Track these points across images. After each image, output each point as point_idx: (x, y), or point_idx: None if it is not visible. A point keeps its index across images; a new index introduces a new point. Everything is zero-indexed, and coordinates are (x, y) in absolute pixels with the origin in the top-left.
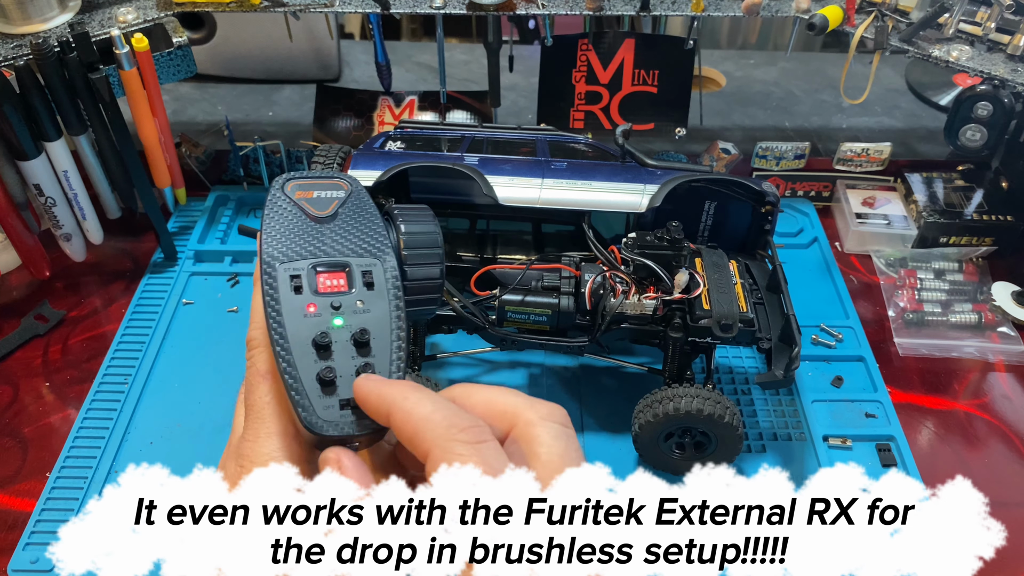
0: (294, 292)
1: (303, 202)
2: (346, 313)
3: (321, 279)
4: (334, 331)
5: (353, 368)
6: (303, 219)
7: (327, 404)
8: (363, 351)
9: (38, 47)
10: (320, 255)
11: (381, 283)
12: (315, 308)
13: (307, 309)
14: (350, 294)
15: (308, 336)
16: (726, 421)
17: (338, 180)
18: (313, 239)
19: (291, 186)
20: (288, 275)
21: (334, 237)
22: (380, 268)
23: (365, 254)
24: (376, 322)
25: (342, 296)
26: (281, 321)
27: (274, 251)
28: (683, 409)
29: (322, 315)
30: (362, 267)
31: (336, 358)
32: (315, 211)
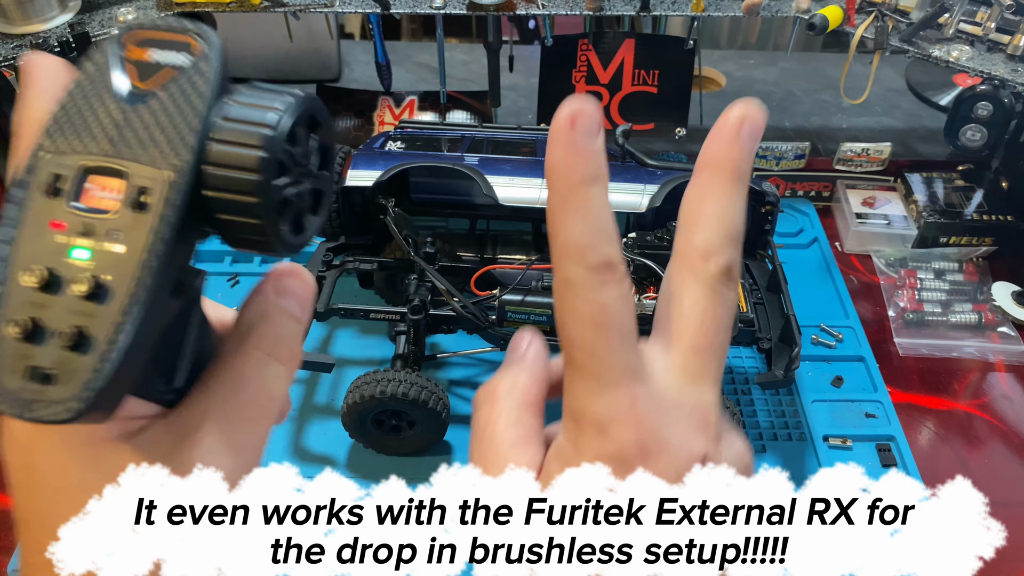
0: (47, 195)
1: (130, 63)
2: (95, 246)
3: (89, 187)
4: (68, 269)
5: (67, 332)
6: (112, 93)
7: (12, 366)
8: (88, 307)
9: (38, 47)
10: (108, 150)
11: (153, 210)
12: (63, 227)
13: (51, 227)
14: (113, 218)
15: (32, 263)
16: None
17: (191, 38)
18: (110, 126)
19: (127, 38)
20: (49, 171)
21: (137, 127)
22: (163, 181)
23: (157, 160)
24: (122, 267)
25: (103, 218)
26: (10, 235)
27: (54, 132)
28: None
29: (65, 241)
30: (142, 179)
31: (55, 306)
32: (136, 80)
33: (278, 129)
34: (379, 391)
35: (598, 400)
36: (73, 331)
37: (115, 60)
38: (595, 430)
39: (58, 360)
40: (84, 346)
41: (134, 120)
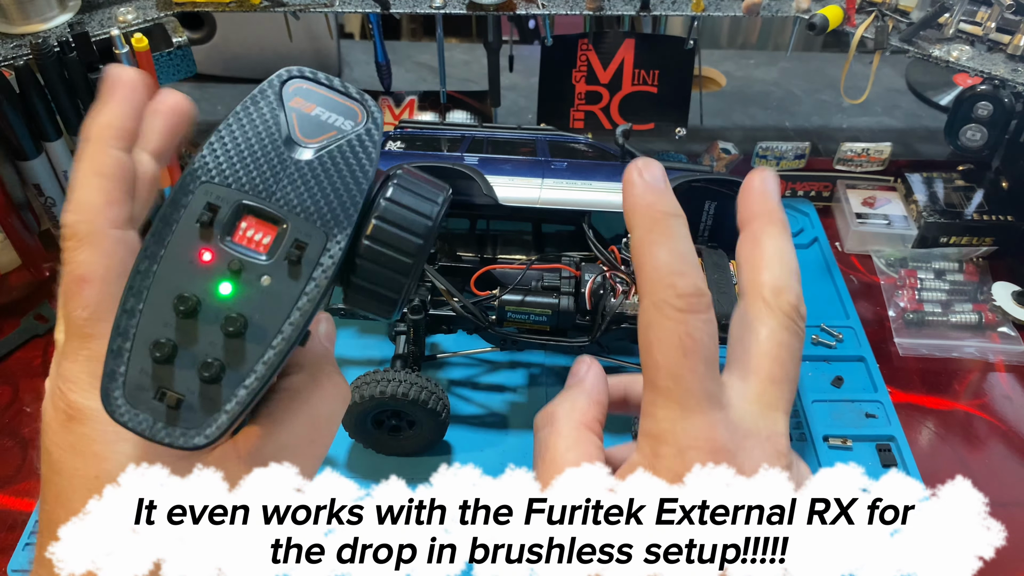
0: (199, 224)
1: (294, 113)
2: (243, 285)
3: (243, 225)
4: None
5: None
6: (276, 136)
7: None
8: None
9: (38, 47)
10: (262, 192)
11: (308, 267)
12: (211, 259)
13: (199, 255)
14: (264, 262)
15: (177, 288)
16: None
17: (357, 105)
18: (272, 168)
19: (294, 87)
20: (206, 199)
21: (297, 178)
22: (319, 246)
23: (317, 218)
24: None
25: (254, 259)
26: (158, 253)
27: (212, 161)
28: None
29: (212, 273)
30: (300, 234)
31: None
32: (299, 133)
33: (435, 221)
34: (379, 391)
35: (679, 425)
36: (213, 363)
37: (280, 104)
38: (674, 454)
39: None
40: (220, 380)
41: (295, 172)
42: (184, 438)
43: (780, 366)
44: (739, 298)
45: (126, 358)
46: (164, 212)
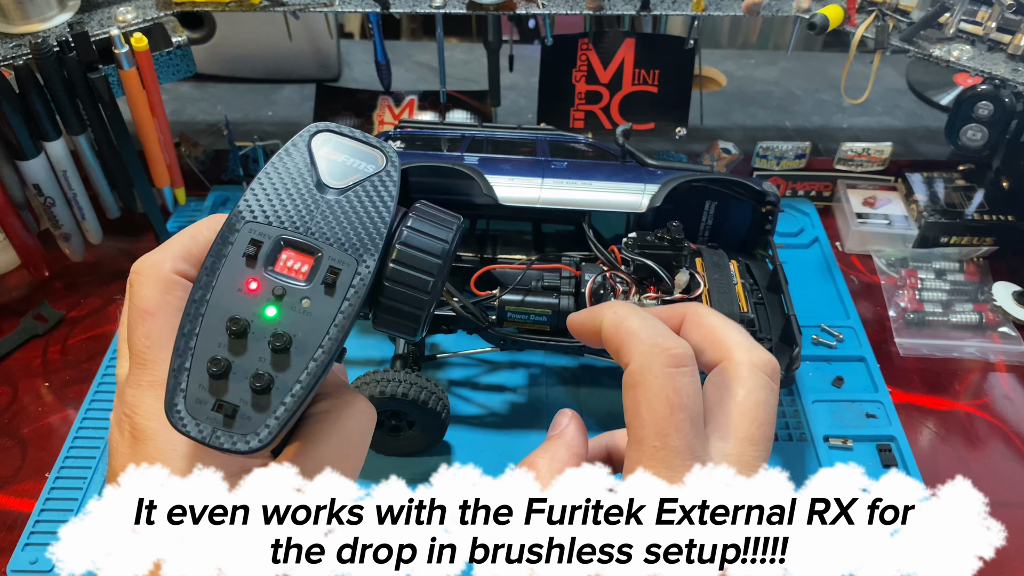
0: (245, 258)
1: (323, 161)
2: (286, 307)
3: (284, 256)
4: (259, 321)
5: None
6: (308, 180)
7: (201, 398)
8: (276, 359)
9: (37, 47)
10: (300, 228)
11: (342, 289)
12: (257, 286)
13: (246, 284)
14: (303, 287)
15: (228, 312)
16: None
17: (377, 151)
18: (305, 207)
19: (321, 139)
20: (250, 236)
21: (328, 214)
22: (351, 270)
23: (347, 247)
24: (309, 333)
25: (294, 285)
26: (211, 283)
27: (254, 204)
28: None
29: (258, 298)
30: (333, 261)
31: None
32: (328, 176)
33: (451, 245)
34: (379, 391)
35: None
36: (263, 375)
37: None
38: None
39: (245, 398)
40: (270, 390)
41: (326, 209)
42: (241, 443)
43: (759, 427)
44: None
45: (186, 375)
46: (214, 249)
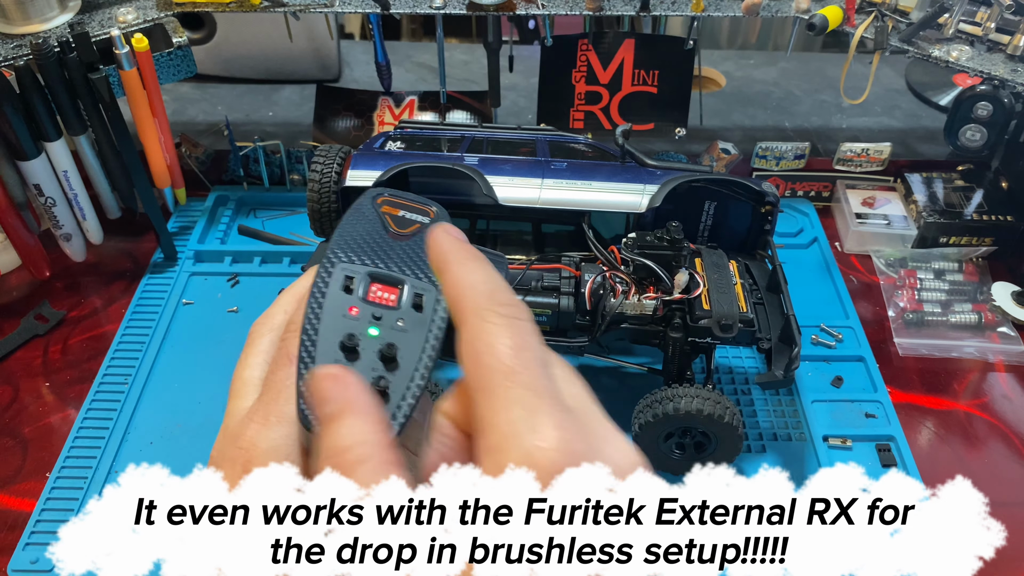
0: (343, 291)
1: (387, 216)
2: (384, 327)
3: (374, 288)
4: (366, 339)
5: (369, 379)
6: (380, 230)
7: None
8: (388, 366)
9: (38, 47)
10: (382, 267)
11: (429, 309)
12: (357, 312)
13: (349, 310)
14: (396, 310)
15: (339, 335)
16: (726, 421)
17: (427, 208)
18: (382, 251)
19: (381, 200)
20: (344, 274)
21: (402, 255)
22: (433, 295)
23: (424, 278)
24: (409, 344)
25: (387, 310)
26: (319, 313)
27: (339, 250)
28: (683, 409)
29: (360, 320)
30: (416, 289)
31: (357, 364)
32: (395, 227)
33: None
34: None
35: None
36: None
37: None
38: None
39: None
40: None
41: (399, 251)
42: None
43: None
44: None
45: None
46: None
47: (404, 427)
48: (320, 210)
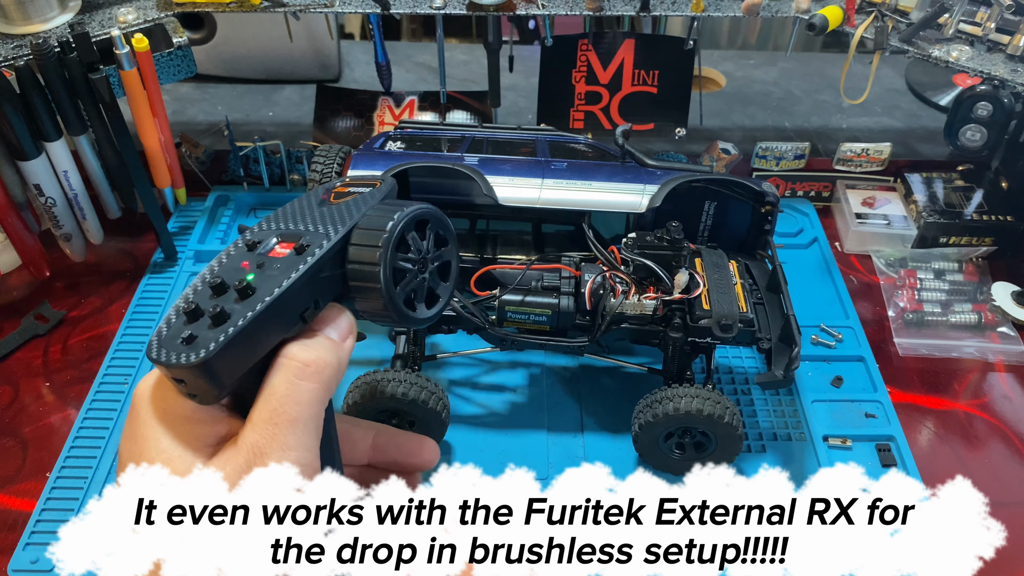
0: (247, 250)
1: (332, 192)
2: (261, 272)
3: (276, 247)
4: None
5: (215, 306)
6: (312, 202)
7: (175, 334)
8: (241, 297)
9: (38, 47)
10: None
11: (307, 254)
12: (247, 264)
13: (241, 264)
14: (282, 259)
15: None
16: (726, 421)
17: (378, 181)
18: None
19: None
20: (254, 237)
21: (319, 216)
22: (319, 241)
23: (323, 231)
24: (271, 280)
25: (274, 260)
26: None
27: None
28: (683, 409)
29: (244, 271)
30: (307, 240)
31: (216, 302)
32: (331, 198)
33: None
34: (379, 391)
35: None
36: (221, 309)
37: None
38: None
39: (204, 328)
40: (224, 320)
41: (319, 214)
42: (185, 357)
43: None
44: None
45: (168, 322)
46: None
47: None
48: None
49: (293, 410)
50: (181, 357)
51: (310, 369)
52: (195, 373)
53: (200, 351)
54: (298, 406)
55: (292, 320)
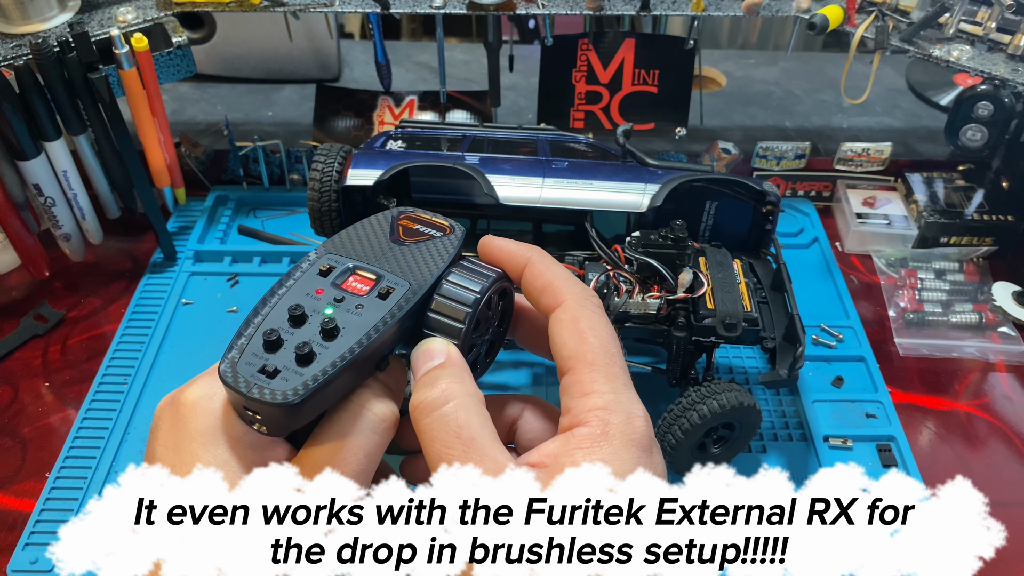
0: (319, 274)
1: (400, 226)
2: (341, 308)
3: (351, 279)
4: (318, 314)
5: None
6: (384, 236)
7: (253, 362)
8: (325, 338)
9: (38, 47)
10: (367, 263)
11: (392, 302)
12: (322, 292)
13: (316, 291)
14: (361, 297)
15: (292, 304)
16: (757, 408)
17: (447, 225)
18: (376, 251)
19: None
20: (327, 262)
21: (395, 256)
22: (403, 290)
23: (406, 276)
24: (357, 324)
25: (353, 296)
26: (288, 285)
27: (335, 246)
28: (728, 404)
29: (321, 300)
30: (390, 283)
31: (297, 331)
32: (402, 235)
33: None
34: None
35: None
36: (308, 346)
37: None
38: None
39: (288, 364)
40: (311, 360)
41: (394, 252)
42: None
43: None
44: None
45: (244, 343)
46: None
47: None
48: (320, 209)
49: (362, 462)
50: (265, 393)
51: (385, 424)
52: (278, 412)
53: (288, 391)
54: (367, 458)
55: (370, 369)
